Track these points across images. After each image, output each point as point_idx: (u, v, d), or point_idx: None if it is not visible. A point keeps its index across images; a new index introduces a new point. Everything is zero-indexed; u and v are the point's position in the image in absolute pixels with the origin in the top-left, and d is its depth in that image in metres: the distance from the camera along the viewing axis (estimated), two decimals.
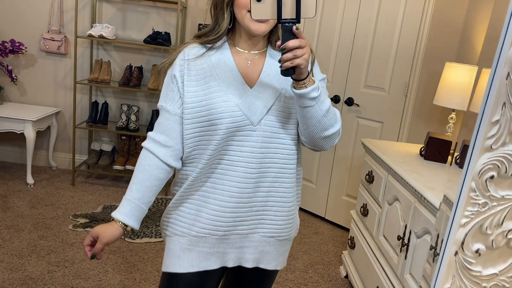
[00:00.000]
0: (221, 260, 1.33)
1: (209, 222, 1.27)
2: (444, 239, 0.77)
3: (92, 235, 1.27)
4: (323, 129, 1.20)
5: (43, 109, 3.84)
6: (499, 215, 0.76)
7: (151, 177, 1.26)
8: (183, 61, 1.26)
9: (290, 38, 1.04)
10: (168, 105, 1.26)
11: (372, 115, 3.31)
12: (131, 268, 2.61)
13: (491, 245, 0.78)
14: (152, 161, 1.27)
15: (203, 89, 1.23)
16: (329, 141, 1.24)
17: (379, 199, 2.39)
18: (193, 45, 1.29)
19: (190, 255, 1.30)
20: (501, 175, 0.75)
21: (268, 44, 1.30)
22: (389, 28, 3.15)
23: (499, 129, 0.70)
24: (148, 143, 1.28)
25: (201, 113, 1.22)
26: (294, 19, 1.03)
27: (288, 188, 1.31)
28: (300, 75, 1.10)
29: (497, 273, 0.80)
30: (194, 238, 1.29)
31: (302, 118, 1.20)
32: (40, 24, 3.83)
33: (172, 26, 3.82)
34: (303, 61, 1.06)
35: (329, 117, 1.20)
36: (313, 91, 1.13)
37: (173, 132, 1.26)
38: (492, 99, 0.67)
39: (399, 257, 2.04)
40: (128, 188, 1.28)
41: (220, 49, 1.28)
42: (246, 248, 1.33)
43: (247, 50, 1.28)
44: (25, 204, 3.28)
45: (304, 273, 2.82)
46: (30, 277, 2.42)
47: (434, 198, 1.78)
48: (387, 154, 2.38)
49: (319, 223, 3.60)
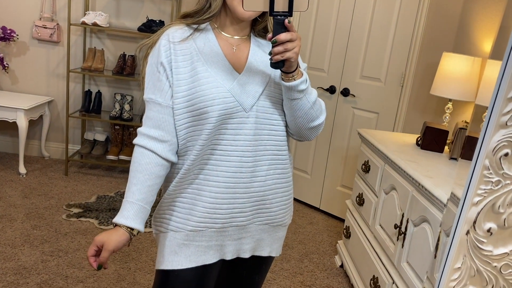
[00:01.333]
0: (220, 253, 1.28)
1: (206, 215, 1.22)
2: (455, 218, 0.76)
3: (96, 244, 1.16)
4: (310, 120, 1.22)
5: (35, 97, 3.78)
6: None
7: (152, 176, 1.18)
8: (169, 45, 1.18)
9: (281, 31, 1.04)
10: (158, 97, 1.18)
11: (368, 106, 3.30)
12: (125, 258, 2.59)
13: (503, 224, 0.77)
14: (151, 159, 1.18)
15: (191, 75, 1.17)
16: (314, 131, 1.26)
17: (375, 189, 2.39)
18: (178, 26, 1.22)
19: (187, 250, 1.24)
20: None
21: (251, 30, 1.27)
22: (385, 18, 3.14)
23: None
24: (142, 140, 1.19)
25: (192, 101, 1.15)
26: (286, 12, 1.02)
27: (282, 174, 1.29)
28: (290, 68, 1.10)
29: (508, 253, 0.80)
30: (190, 233, 1.23)
31: (290, 110, 1.20)
32: (32, 11, 3.77)
33: (167, 14, 3.77)
34: (293, 55, 1.06)
35: (316, 109, 1.21)
36: (301, 84, 1.14)
37: (168, 125, 1.19)
38: (509, 73, 0.66)
39: (395, 245, 2.04)
40: (127, 190, 1.19)
41: (203, 32, 1.22)
42: (243, 239, 1.29)
43: (231, 35, 1.24)
44: (18, 194, 3.23)
45: (300, 263, 2.82)
46: (23, 266, 2.39)
47: (432, 186, 1.78)
48: (384, 144, 2.38)
49: (314, 213, 3.60)
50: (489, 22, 2.69)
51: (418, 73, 3.06)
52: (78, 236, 2.76)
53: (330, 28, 3.39)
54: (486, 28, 2.72)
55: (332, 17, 3.37)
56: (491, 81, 2.29)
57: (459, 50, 2.87)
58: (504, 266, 0.81)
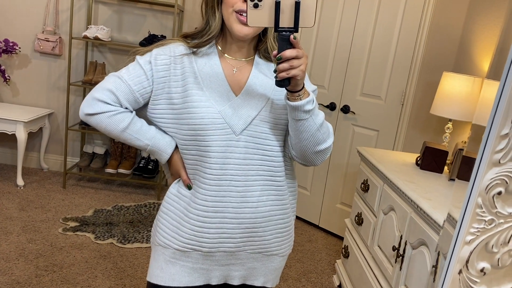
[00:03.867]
0: (205, 277, 1.25)
1: (192, 237, 1.20)
2: (447, 257, 0.74)
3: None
4: (316, 143, 1.16)
5: (35, 110, 3.78)
6: (506, 232, 0.73)
7: (135, 118, 1.21)
8: (167, 56, 1.19)
9: (287, 48, 1.00)
10: (127, 79, 1.18)
11: (368, 123, 3.29)
12: (121, 274, 2.57)
13: (497, 264, 0.75)
14: (123, 115, 1.19)
15: (182, 90, 1.17)
16: (321, 156, 1.20)
17: (374, 208, 2.37)
18: (179, 43, 1.22)
19: (172, 269, 1.23)
20: (509, 191, 0.72)
21: (255, 52, 1.26)
22: (386, 36, 3.14)
23: (508, 143, 0.67)
24: (98, 106, 1.18)
25: (181, 116, 1.16)
26: (292, 28, 0.99)
27: (277, 201, 1.24)
28: (296, 86, 1.06)
29: None
30: (177, 252, 1.22)
31: (295, 132, 1.14)
32: (34, 24, 3.79)
33: (169, 29, 3.79)
34: (299, 72, 1.02)
35: (323, 131, 1.15)
36: (308, 104, 1.09)
37: (125, 95, 1.19)
38: (502, 111, 0.64)
39: (394, 268, 2.01)
40: (140, 139, 1.21)
41: (207, 53, 1.22)
42: (232, 265, 1.26)
43: (234, 56, 1.23)
44: (14, 207, 3.22)
45: (297, 282, 2.78)
46: (17, 281, 2.37)
47: (430, 209, 1.76)
48: (383, 163, 2.36)
49: (313, 231, 3.57)
50: (488, 42, 2.69)
51: (419, 92, 3.05)
52: (73, 250, 2.74)
53: (331, 45, 3.40)
54: (486, 48, 2.71)
55: (333, 34, 3.38)
56: (488, 101, 2.28)
57: (459, 70, 2.87)
58: None
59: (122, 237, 2.98)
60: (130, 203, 3.54)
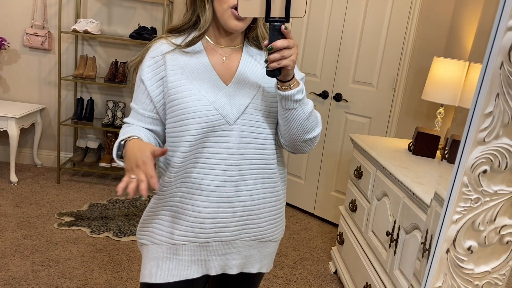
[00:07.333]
0: (203, 268, 1.25)
1: (189, 229, 1.19)
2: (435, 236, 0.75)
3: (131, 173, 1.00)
4: (305, 132, 1.17)
5: (27, 106, 3.76)
6: (491, 210, 0.73)
7: (141, 130, 1.20)
8: (152, 60, 1.20)
9: (278, 38, 1.00)
10: (139, 108, 1.23)
11: (361, 111, 3.29)
12: (117, 267, 2.57)
13: (484, 242, 0.76)
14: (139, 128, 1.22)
15: (173, 86, 1.16)
16: (310, 144, 1.21)
17: (367, 195, 2.38)
18: (162, 41, 1.22)
19: (170, 264, 1.22)
20: (494, 169, 0.72)
21: (244, 39, 1.25)
22: (377, 23, 3.13)
23: (492, 121, 0.67)
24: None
25: (174, 112, 1.16)
26: (283, 18, 0.98)
27: (270, 188, 1.25)
28: (286, 76, 1.07)
29: (490, 271, 0.78)
30: (173, 246, 1.21)
31: (285, 120, 1.15)
32: (23, 19, 3.75)
33: (159, 21, 3.76)
34: (290, 62, 1.02)
35: (311, 120, 1.17)
36: (298, 93, 1.10)
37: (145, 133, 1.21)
38: (485, 90, 0.64)
39: (388, 252, 2.03)
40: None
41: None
42: (229, 254, 1.26)
43: (223, 45, 1.22)
44: (9, 203, 3.21)
45: (293, 270, 2.80)
46: (13, 277, 2.37)
47: (423, 193, 1.77)
48: (376, 150, 2.37)
49: (308, 219, 3.59)
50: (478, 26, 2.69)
51: (410, 78, 3.05)
52: (69, 245, 2.74)
53: (322, 33, 3.39)
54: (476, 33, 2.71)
55: (324, 22, 3.37)
56: (473, 83, 2.28)
57: (450, 55, 2.87)
58: (486, 285, 0.79)
59: (117, 230, 2.98)
60: (124, 197, 3.54)
